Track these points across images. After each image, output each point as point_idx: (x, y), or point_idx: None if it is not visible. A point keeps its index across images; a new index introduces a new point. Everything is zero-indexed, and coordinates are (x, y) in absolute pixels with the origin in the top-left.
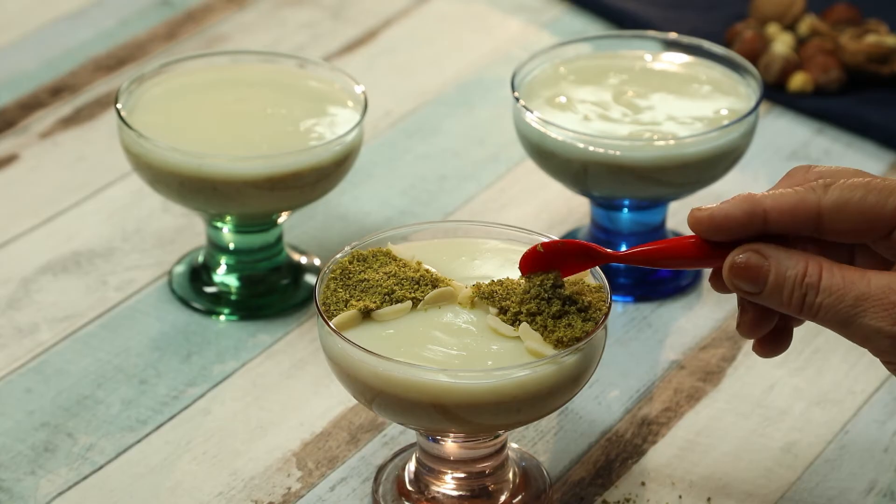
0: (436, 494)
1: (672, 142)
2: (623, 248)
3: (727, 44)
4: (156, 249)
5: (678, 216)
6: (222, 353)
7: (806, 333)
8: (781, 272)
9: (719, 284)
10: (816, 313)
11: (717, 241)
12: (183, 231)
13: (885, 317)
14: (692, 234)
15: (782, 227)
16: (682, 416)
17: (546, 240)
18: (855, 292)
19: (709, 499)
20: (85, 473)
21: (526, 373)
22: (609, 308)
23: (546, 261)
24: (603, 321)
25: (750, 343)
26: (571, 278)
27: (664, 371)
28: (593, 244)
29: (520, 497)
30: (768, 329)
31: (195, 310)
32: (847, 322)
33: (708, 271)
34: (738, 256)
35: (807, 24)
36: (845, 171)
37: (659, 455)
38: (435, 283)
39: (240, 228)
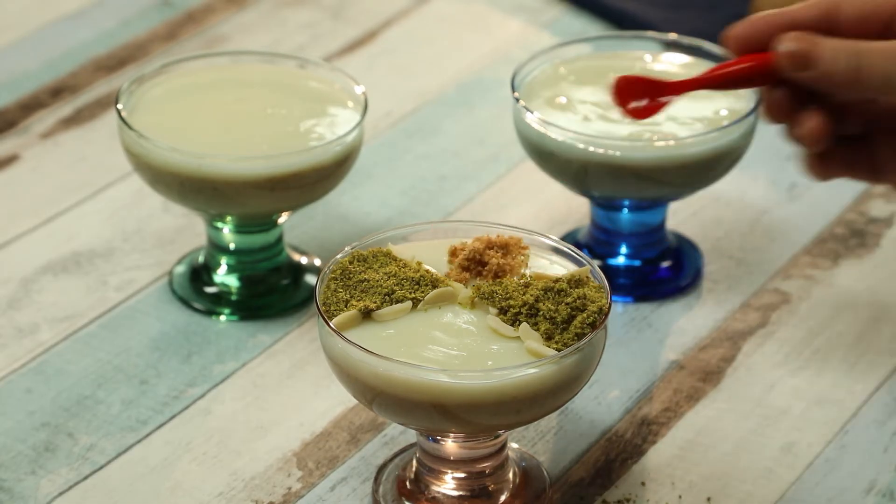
0: (436, 494)
1: (672, 142)
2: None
3: None
4: (156, 249)
5: (678, 216)
6: (222, 353)
7: (807, 334)
8: (828, 48)
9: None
10: (871, 57)
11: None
12: (183, 231)
13: None
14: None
15: (804, 18)
16: (681, 416)
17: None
18: None
19: (709, 499)
20: (85, 473)
21: (526, 373)
22: (609, 308)
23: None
24: (603, 321)
25: (750, 343)
26: (572, 277)
27: (664, 371)
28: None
29: (520, 497)
30: (794, 110)
31: (195, 310)
32: None
33: (710, 273)
34: (789, 40)
35: None
36: None
37: (659, 455)
38: (435, 283)
39: (240, 229)
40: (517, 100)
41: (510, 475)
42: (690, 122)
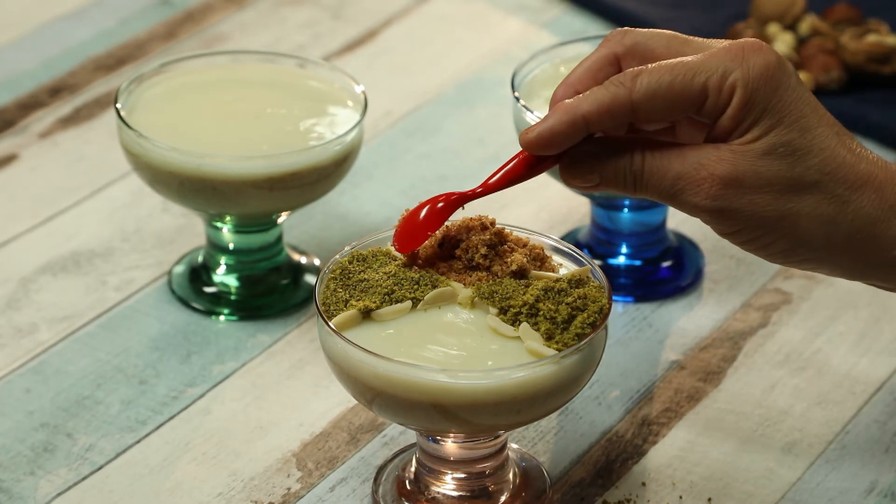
0: (436, 495)
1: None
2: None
3: None
4: (155, 249)
5: (678, 216)
6: (222, 353)
7: (807, 334)
8: (609, 168)
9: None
10: (647, 191)
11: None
12: (183, 231)
13: (698, 192)
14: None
15: (603, 126)
16: (682, 416)
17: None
18: (672, 173)
19: (709, 499)
20: (84, 474)
21: (526, 373)
22: (609, 308)
23: (423, 228)
24: (603, 321)
25: (751, 343)
26: (573, 277)
27: (664, 371)
28: (455, 194)
29: (520, 498)
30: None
31: (195, 310)
32: (673, 198)
33: (710, 273)
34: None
35: (807, 23)
36: (658, 36)
37: (659, 455)
38: (435, 283)
39: (239, 228)
40: (517, 99)
41: (510, 475)
42: None
